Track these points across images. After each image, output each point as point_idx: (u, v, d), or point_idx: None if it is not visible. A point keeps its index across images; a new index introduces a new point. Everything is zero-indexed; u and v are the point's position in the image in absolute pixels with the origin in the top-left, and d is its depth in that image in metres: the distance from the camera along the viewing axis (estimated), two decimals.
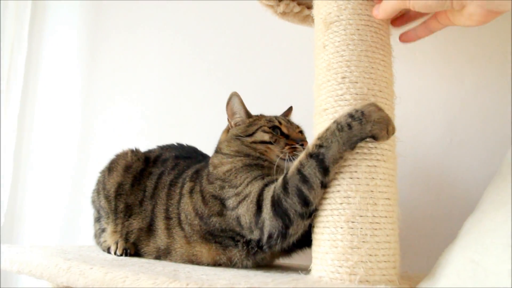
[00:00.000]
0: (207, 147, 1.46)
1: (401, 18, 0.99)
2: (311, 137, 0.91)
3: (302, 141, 1.10)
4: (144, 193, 1.28)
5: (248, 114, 1.20)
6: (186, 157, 1.37)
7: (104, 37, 2.45)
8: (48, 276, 0.98)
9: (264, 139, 1.11)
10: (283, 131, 1.14)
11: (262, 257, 1.04)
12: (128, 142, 2.15)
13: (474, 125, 1.29)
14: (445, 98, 1.35)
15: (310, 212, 0.87)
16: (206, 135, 1.85)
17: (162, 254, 1.16)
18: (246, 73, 1.83)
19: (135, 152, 1.41)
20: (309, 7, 1.26)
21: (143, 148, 1.46)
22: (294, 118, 1.27)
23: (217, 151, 1.19)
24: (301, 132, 1.20)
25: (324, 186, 0.85)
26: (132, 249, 1.23)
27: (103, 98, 2.38)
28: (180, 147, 1.47)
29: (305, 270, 0.93)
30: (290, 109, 1.34)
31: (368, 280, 0.81)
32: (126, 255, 1.21)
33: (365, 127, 0.80)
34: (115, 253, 1.23)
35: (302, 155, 0.87)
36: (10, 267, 1.09)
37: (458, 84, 1.33)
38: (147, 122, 2.16)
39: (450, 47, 1.36)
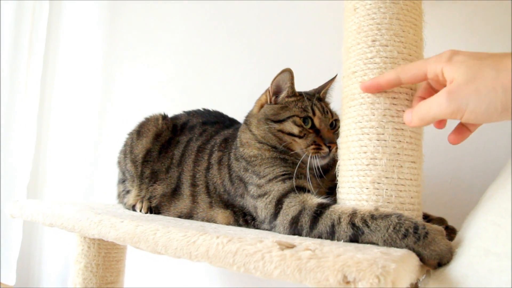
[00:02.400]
0: (230, 112, 1.48)
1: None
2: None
3: (330, 143, 1.04)
4: (171, 160, 1.29)
5: (291, 93, 1.11)
6: (213, 122, 1.37)
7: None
8: (80, 228, 1.02)
9: (293, 131, 1.05)
10: (314, 124, 1.07)
11: None
12: (149, 106, 2.20)
13: None
14: None
15: None
16: (228, 100, 1.87)
17: (184, 218, 1.19)
18: (271, 36, 1.82)
19: (165, 119, 1.41)
20: None
21: (167, 112, 1.46)
22: (320, 81, 1.23)
23: (247, 123, 1.15)
24: (335, 121, 1.12)
25: None
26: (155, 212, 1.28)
27: (125, 60, 2.39)
28: (207, 112, 1.46)
29: None
30: (333, 79, 1.21)
31: None
32: (150, 213, 1.25)
33: (418, 247, 0.72)
34: (140, 211, 1.26)
35: (347, 212, 0.80)
36: (43, 219, 1.13)
37: None
38: (169, 86, 2.17)
39: (476, 20, 1.33)
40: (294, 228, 0.88)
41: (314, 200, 0.89)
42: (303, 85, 1.17)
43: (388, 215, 0.76)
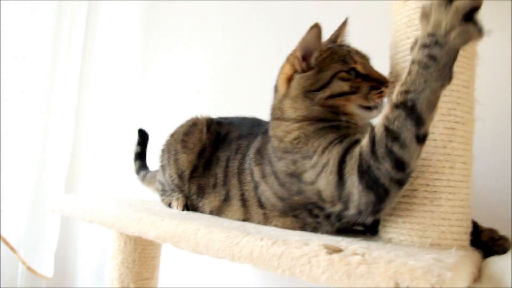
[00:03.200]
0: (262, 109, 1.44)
1: None
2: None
3: (386, 82, 0.91)
4: (216, 179, 1.21)
5: (323, 51, 0.96)
6: (247, 134, 1.25)
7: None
8: (120, 226, 1.02)
9: (344, 89, 0.91)
10: (359, 71, 0.93)
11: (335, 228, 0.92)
12: (185, 101, 2.20)
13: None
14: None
15: (407, 176, 0.75)
16: (264, 97, 1.85)
17: None
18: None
19: (209, 129, 1.32)
20: None
21: (205, 108, 1.44)
22: None
23: (278, 117, 1.01)
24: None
25: (421, 140, 0.72)
26: None
27: (161, 58, 2.40)
28: (242, 121, 1.35)
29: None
30: (345, 23, 1.08)
31: (439, 243, 0.80)
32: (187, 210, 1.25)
33: (447, 44, 0.68)
34: (176, 208, 1.26)
35: (386, 109, 0.75)
36: (83, 215, 1.14)
37: None
38: (205, 82, 2.17)
39: None
40: (367, 177, 0.76)
41: (365, 138, 0.80)
42: None
43: (408, 72, 0.72)
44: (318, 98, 0.93)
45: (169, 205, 1.30)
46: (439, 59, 0.69)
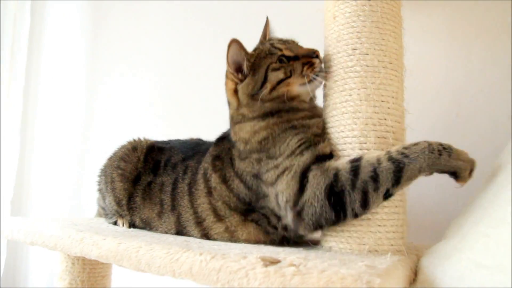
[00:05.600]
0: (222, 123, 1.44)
1: None
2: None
3: (314, 52, 0.97)
4: (162, 206, 1.16)
5: (249, 57, 1.02)
6: (193, 155, 1.22)
7: (108, 8, 2.42)
8: (62, 247, 1.00)
9: (280, 77, 0.97)
10: (287, 55, 0.99)
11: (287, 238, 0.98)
12: (133, 117, 2.18)
13: (479, 99, 1.29)
14: (451, 72, 1.34)
15: (363, 213, 0.82)
16: (216, 111, 1.86)
17: None
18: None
19: (147, 154, 1.30)
20: None
21: (149, 129, 1.42)
22: None
23: (239, 120, 1.04)
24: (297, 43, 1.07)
25: (387, 196, 0.81)
26: None
27: (108, 73, 2.37)
28: (184, 144, 1.33)
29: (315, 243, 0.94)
30: (267, 22, 1.16)
31: (376, 249, 0.83)
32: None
33: (452, 160, 0.80)
34: (122, 226, 1.24)
35: (381, 154, 0.81)
36: (24, 238, 1.11)
37: (465, 58, 1.32)
38: (153, 96, 2.16)
39: (458, 21, 1.34)
40: (333, 194, 0.81)
41: (341, 160, 0.86)
42: None
43: (417, 143, 0.81)
44: (263, 94, 0.98)
45: (115, 223, 1.29)
46: (441, 159, 0.80)
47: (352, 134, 0.86)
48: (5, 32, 2.45)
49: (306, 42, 1.51)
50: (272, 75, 0.98)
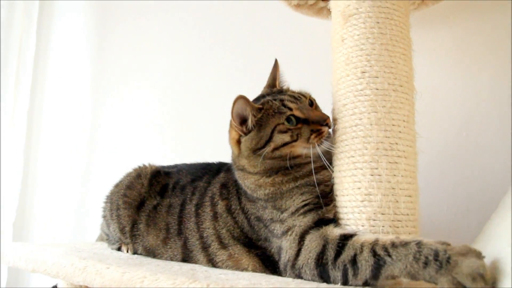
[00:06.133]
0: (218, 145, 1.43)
1: None
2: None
3: (325, 120, 0.94)
4: (167, 231, 1.15)
5: (256, 112, 1.00)
6: (202, 175, 1.22)
7: (114, 25, 2.43)
8: (64, 275, 0.97)
9: (285, 140, 0.95)
10: (297, 116, 0.96)
11: None
12: (138, 138, 2.16)
13: (489, 120, 1.27)
14: (461, 93, 1.33)
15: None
16: (221, 128, 1.85)
17: None
18: (260, 68, 1.80)
19: (152, 179, 1.28)
20: None
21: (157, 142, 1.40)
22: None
23: (239, 168, 1.05)
24: (311, 101, 1.03)
25: (368, 285, 0.76)
26: None
27: (113, 92, 2.37)
28: (192, 166, 1.32)
29: None
30: (276, 65, 1.14)
31: None
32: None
33: (439, 276, 0.67)
34: (126, 252, 1.22)
35: (369, 241, 0.76)
36: (25, 266, 1.08)
37: (474, 79, 1.31)
38: (158, 114, 2.14)
39: (467, 42, 1.33)
40: (320, 264, 0.81)
41: (336, 231, 0.83)
42: None
43: (408, 242, 0.72)
44: (266, 153, 0.97)
45: (119, 249, 1.26)
46: (425, 272, 0.68)
47: (363, 159, 0.83)
48: (11, 51, 2.45)
49: (312, 67, 1.50)
50: (278, 137, 0.96)
